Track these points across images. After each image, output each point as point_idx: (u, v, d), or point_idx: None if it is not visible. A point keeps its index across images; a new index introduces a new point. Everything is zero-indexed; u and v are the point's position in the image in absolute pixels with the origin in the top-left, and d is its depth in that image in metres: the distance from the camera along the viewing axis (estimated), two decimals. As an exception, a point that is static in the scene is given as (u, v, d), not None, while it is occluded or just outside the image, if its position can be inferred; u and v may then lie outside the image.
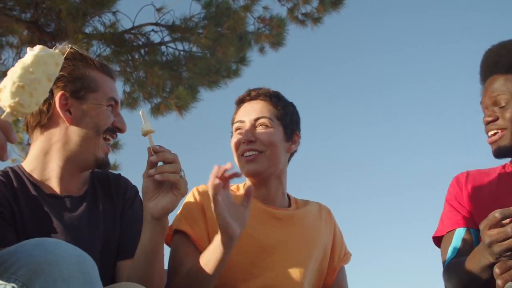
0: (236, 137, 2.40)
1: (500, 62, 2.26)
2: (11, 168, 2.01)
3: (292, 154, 2.52)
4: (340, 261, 2.55)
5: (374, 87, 13.61)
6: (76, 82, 1.97)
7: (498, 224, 1.78)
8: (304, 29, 8.48)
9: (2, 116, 1.39)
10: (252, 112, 2.40)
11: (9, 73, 1.47)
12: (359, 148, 13.67)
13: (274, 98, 2.44)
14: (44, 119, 1.97)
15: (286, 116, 2.44)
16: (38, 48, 1.53)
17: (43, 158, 1.98)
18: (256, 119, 2.37)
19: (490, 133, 2.24)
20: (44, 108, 1.96)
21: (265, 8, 8.29)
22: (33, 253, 1.36)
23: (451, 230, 2.29)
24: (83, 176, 2.09)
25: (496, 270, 1.80)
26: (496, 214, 1.77)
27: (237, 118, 2.43)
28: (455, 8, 12.20)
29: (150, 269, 1.89)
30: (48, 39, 7.65)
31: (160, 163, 1.83)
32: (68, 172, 1.99)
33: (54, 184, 1.98)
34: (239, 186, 2.50)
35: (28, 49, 1.52)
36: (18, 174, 1.97)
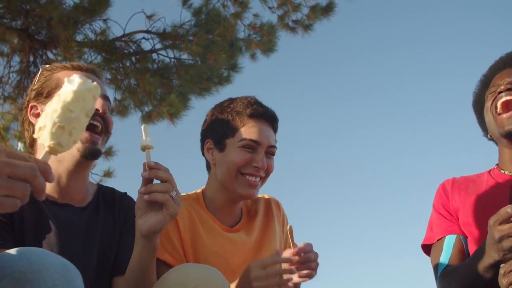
0: (246, 155, 2.33)
1: None
2: None
3: None
4: None
5: (365, 93, 13.67)
6: (40, 90, 2.06)
7: (509, 219, 1.76)
8: (294, 36, 8.50)
9: (41, 157, 1.37)
10: (268, 137, 2.38)
11: (48, 110, 1.44)
12: (350, 152, 13.71)
13: (277, 125, 2.47)
14: (31, 137, 2.07)
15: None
16: (77, 82, 1.47)
17: None
18: (271, 147, 2.38)
19: (504, 99, 2.20)
20: (26, 127, 2.09)
21: (256, 15, 8.30)
22: (17, 263, 1.34)
23: (441, 238, 2.28)
24: (85, 183, 2.10)
25: (501, 271, 1.80)
26: (508, 209, 1.76)
27: (252, 137, 2.35)
28: (446, 13, 12.29)
29: (141, 286, 1.89)
30: (39, 47, 7.64)
31: (156, 181, 1.80)
32: (64, 174, 2.00)
33: (54, 190, 2.00)
34: (197, 193, 2.50)
35: (66, 80, 1.46)
36: None
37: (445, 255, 2.22)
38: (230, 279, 2.26)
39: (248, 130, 2.34)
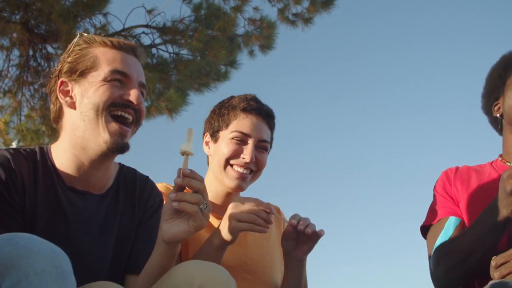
0: (234, 146, 2.37)
1: None
2: (40, 148, 1.95)
3: None
4: None
5: (367, 88, 13.64)
6: (74, 65, 1.93)
7: None
8: (294, 30, 8.50)
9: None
10: (261, 132, 2.41)
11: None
12: (352, 149, 13.69)
13: (272, 122, 2.49)
14: (56, 112, 1.97)
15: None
16: None
17: (63, 147, 1.93)
18: (262, 141, 2.41)
19: None
20: (53, 100, 1.97)
21: (255, 8, 8.30)
22: (4, 248, 1.32)
23: (442, 218, 2.25)
24: (108, 172, 2.01)
25: (492, 263, 1.79)
26: None
27: (245, 129, 2.38)
28: (450, 7, 12.25)
29: None
30: (39, 41, 7.65)
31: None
32: (87, 162, 1.91)
33: (73, 176, 1.91)
34: None
35: None
36: (45, 157, 1.92)
37: (445, 234, 2.19)
38: None
39: (240, 123, 2.38)
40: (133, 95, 1.91)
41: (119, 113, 1.90)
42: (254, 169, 2.38)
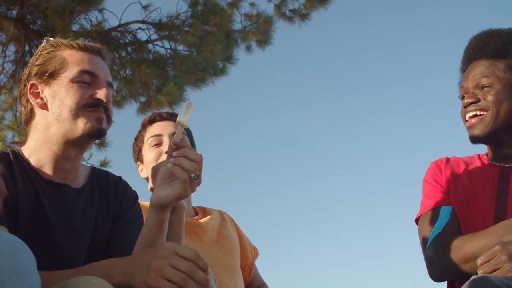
0: (155, 150, 2.61)
1: (486, 47, 2.26)
2: (11, 149, 2.00)
3: None
4: (254, 257, 2.79)
5: (364, 85, 13.65)
6: (43, 67, 1.99)
7: None
8: (291, 26, 8.51)
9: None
10: (169, 128, 2.63)
11: None
12: (350, 146, 13.69)
13: (174, 118, 2.58)
14: (27, 114, 2.03)
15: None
16: None
17: (36, 146, 1.98)
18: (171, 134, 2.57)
19: (469, 114, 2.23)
20: (24, 103, 2.03)
21: (252, 4, 8.30)
22: None
23: (436, 207, 2.24)
24: (81, 169, 2.08)
25: (478, 261, 1.81)
26: None
27: (154, 132, 2.65)
28: (449, 5, 12.25)
29: None
30: (35, 37, 7.63)
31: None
32: (62, 155, 1.97)
33: (50, 170, 1.96)
34: None
35: None
36: (18, 157, 1.96)
37: (441, 222, 2.17)
38: None
39: (150, 130, 2.73)
40: (102, 93, 1.97)
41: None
42: None
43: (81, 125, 1.92)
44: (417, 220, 2.32)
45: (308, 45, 13.23)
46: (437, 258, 2.11)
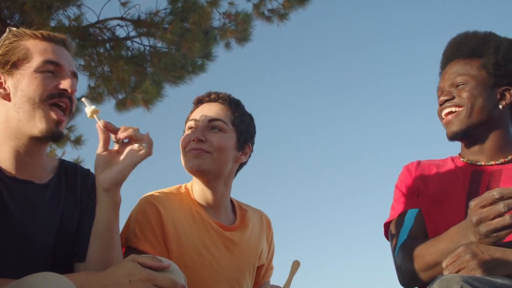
0: (187, 135, 2.36)
1: (462, 48, 2.32)
2: None
3: (241, 166, 2.48)
4: (265, 276, 2.60)
5: (341, 83, 13.72)
6: (6, 57, 1.95)
7: (494, 203, 1.73)
8: (270, 25, 8.53)
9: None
10: (208, 113, 2.37)
11: None
12: (324, 147, 13.76)
13: (234, 104, 2.41)
14: None
15: (242, 124, 2.41)
16: None
17: None
18: (211, 120, 2.34)
19: (445, 111, 2.27)
20: None
21: (231, 3, 8.32)
22: None
23: (402, 213, 2.27)
24: (48, 163, 2.05)
25: (443, 264, 1.82)
26: (495, 192, 1.72)
27: (192, 116, 2.40)
28: (429, 5, 12.34)
29: (107, 250, 1.88)
30: (12, 32, 7.54)
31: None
32: (23, 153, 1.94)
33: (11, 166, 1.93)
34: (186, 186, 2.45)
35: None
36: None
37: (406, 228, 2.20)
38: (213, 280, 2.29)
39: None
40: (67, 83, 1.94)
41: (59, 104, 1.95)
42: (209, 150, 2.31)
43: (38, 123, 1.90)
44: (386, 225, 2.36)
45: (286, 45, 13.27)
46: (404, 266, 2.14)
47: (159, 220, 2.23)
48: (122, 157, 1.84)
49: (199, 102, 2.45)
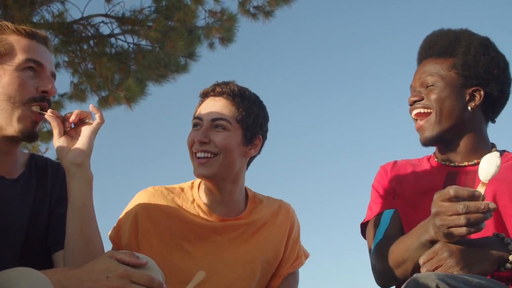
0: (191, 134, 2.35)
1: (434, 47, 2.33)
2: None
3: (252, 158, 2.46)
4: (289, 267, 2.50)
5: (327, 81, 13.70)
6: None
7: (451, 200, 1.78)
8: (255, 23, 8.53)
9: None
10: (212, 110, 2.34)
11: None
12: (313, 148, 13.75)
13: (238, 98, 2.36)
14: None
15: (248, 118, 2.36)
16: None
17: None
18: (214, 120, 2.31)
19: (414, 112, 2.28)
20: None
21: (216, 0, 8.31)
22: None
23: (377, 214, 2.29)
24: (19, 158, 2.05)
25: (420, 261, 1.84)
26: (451, 190, 1.77)
27: (197, 113, 2.38)
28: (413, 4, 12.38)
29: (87, 225, 1.89)
30: (-7, 27, 7.48)
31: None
32: None
33: None
34: (194, 184, 2.46)
35: None
36: None
37: (382, 228, 2.22)
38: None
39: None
40: (48, 85, 1.97)
41: (39, 108, 1.96)
42: (214, 151, 2.29)
43: (15, 123, 1.90)
44: (363, 226, 2.38)
45: (271, 43, 13.25)
46: (378, 265, 2.17)
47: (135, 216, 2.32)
48: (81, 134, 1.92)
49: (204, 95, 2.42)
